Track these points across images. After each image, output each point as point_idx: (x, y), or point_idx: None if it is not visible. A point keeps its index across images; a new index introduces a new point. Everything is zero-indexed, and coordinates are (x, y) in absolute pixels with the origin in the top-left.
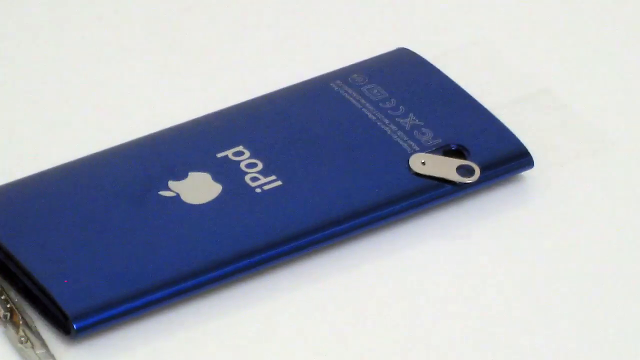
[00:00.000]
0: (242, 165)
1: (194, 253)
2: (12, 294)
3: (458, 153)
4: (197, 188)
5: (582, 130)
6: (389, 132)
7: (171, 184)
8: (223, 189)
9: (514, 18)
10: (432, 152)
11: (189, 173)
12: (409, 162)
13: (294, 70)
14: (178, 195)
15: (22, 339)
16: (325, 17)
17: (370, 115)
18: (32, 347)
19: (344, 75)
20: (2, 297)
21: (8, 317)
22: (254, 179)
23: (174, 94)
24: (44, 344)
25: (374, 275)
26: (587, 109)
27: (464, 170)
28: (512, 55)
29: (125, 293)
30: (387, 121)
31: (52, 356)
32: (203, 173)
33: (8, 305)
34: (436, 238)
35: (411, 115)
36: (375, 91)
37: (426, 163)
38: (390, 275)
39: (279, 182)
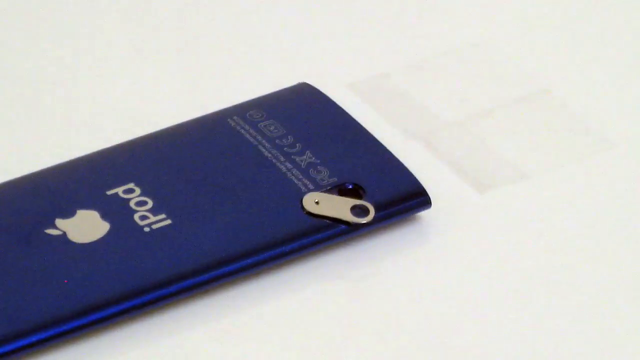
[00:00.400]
0: (132, 203)
1: (78, 293)
2: None
3: (354, 192)
4: (84, 226)
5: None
6: (284, 170)
7: (58, 222)
8: (111, 227)
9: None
10: (327, 191)
11: (77, 211)
12: (302, 202)
13: (193, 104)
14: (65, 234)
15: None
16: (237, 47)
17: (265, 153)
18: None
19: (241, 110)
20: None
21: None
22: (143, 218)
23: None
24: None
25: (266, 316)
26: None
27: (359, 210)
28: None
29: (5, 334)
30: (282, 159)
31: None
32: (91, 211)
33: None
34: (329, 279)
35: (308, 153)
36: (272, 128)
37: (320, 202)
38: (282, 316)
39: (169, 221)
